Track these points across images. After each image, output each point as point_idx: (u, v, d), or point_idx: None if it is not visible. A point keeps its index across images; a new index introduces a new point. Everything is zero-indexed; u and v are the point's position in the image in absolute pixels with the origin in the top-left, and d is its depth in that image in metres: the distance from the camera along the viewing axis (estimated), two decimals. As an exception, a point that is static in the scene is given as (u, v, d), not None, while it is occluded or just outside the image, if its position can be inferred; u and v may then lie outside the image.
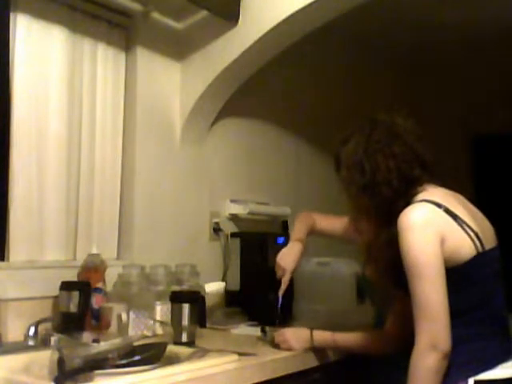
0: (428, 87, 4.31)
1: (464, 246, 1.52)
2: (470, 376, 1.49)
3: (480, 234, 1.55)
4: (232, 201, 2.84)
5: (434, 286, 1.48)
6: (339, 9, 2.43)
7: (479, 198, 1.81)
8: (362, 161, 1.65)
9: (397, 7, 3.29)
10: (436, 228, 1.51)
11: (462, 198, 1.66)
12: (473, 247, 1.53)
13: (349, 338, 1.87)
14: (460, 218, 1.54)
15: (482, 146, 4.85)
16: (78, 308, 1.93)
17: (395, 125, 1.69)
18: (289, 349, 1.90)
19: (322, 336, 1.90)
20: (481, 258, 1.53)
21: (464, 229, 1.53)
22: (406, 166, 1.62)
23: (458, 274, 1.51)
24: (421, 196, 1.59)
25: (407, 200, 1.59)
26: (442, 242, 1.50)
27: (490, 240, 1.59)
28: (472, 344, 1.52)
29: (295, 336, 1.91)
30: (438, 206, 1.55)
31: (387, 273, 1.65)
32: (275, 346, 1.93)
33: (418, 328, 1.48)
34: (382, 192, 1.61)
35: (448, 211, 1.54)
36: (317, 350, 1.92)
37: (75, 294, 1.93)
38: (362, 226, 1.83)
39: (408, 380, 1.49)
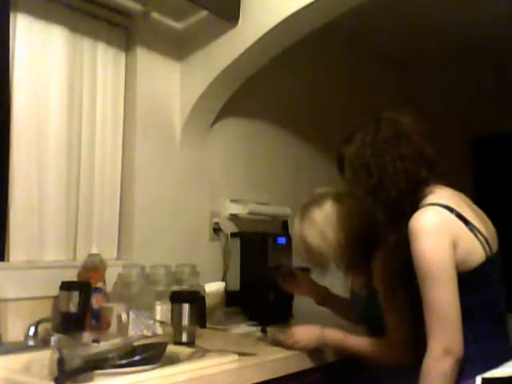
0: (428, 87, 4.31)
1: (475, 252, 1.52)
2: (477, 374, 1.48)
3: (488, 238, 1.54)
4: (232, 201, 2.84)
5: (446, 290, 1.46)
6: (339, 9, 2.43)
7: (479, 198, 1.80)
8: (369, 162, 1.61)
9: (397, 8, 3.29)
10: (449, 233, 1.49)
11: (467, 199, 1.65)
12: (483, 252, 1.52)
13: (360, 345, 1.82)
14: (471, 223, 1.53)
15: (481, 146, 4.85)
16: (78, 308, 1.93)
17: (402, 124, 1.65)
18: (303, 349, 1.86)
19: (335, 337, 1.85)
20: (490, 262, 1.53)
21: (475, 234, 1.52)
22: (413, 167, 1.59)
23: (469, 279, 1.51)
24: (430, 199, 1.56)
25: (415, 202, 1.56)
26: (455, 246, 1.49)
27: (494, 243, 1.58)
28: (480, 344, 1.52)
29: (307, 336, 1.87)
30: (450, 210, 1.52)
31: (398, 276, 1.62)
32: (287, 347, 1.88)
33: (430, 333, 1.47)
34: (389, 194, 1.58)
35: (460, 216, 1.52)
36: (317, 350, 1.91)
37: (75, 294, 1.93)
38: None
39: None
